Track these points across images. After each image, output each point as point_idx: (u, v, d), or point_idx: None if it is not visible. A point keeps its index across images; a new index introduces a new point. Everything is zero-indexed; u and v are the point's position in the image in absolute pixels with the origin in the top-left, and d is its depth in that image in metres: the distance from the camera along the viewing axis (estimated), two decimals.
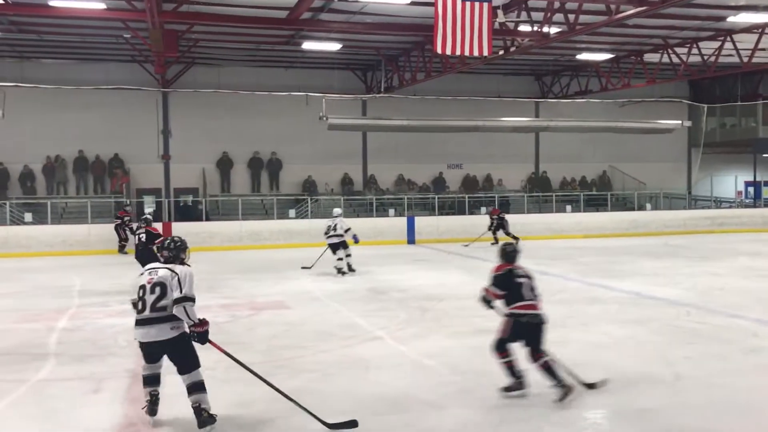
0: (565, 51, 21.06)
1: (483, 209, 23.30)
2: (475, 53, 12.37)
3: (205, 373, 6.58)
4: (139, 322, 5.19)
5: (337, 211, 14.58)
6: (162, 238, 6.10)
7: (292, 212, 21.72)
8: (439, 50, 12.21)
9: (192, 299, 5.14)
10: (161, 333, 5.14)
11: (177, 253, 5.40)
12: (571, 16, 14.21)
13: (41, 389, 6.25)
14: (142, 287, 5.20)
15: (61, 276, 14.15)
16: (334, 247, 13.60)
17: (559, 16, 14.41)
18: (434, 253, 18.24)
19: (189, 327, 5.18)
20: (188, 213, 21.81)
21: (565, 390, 5.70)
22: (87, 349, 7.69)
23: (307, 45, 19.20)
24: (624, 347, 7.67)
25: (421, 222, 21.58)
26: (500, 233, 19.10)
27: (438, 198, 23.37)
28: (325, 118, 19.85)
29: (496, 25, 13.45)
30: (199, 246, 17.13)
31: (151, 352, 5.28)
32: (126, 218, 18.34)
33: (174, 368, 5.34)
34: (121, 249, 18.26)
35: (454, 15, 11.84)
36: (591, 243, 20.42)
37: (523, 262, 6.45)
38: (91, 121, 21.87)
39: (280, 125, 23.38)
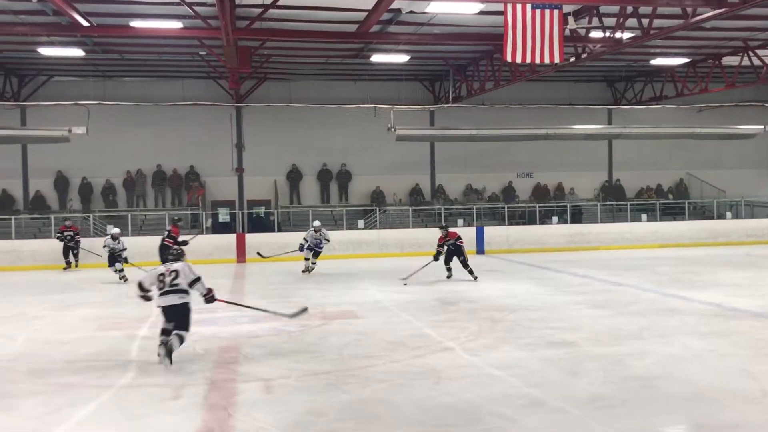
0: (639, 56, 20.54)
1: (555, 219, 22.92)
2: (546, 61, 12.23)
3: (279, 381, 6.74)
4: (162, 294, 7.60)
5: (317, 223, 16.18)
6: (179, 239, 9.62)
7: (360, 223, 21.91)
8: (508, 59, 12.12)
9: (200, 279, 7.71)
10: (174, 300, 7.57)
11: (180, 256, 7.99)
12: (645, 21, 13.85)
13: (124, 395, 6.49)
14: (162, 274, 7.63)
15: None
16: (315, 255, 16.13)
17: (632, 21, 14.08)
18: (504, 264, 18.03)
19: (202, 295, 7.79)
20: (261, 224, 22.28)
21: None
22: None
23: (376, 57, 19.39)
24: (706, 361, 7.38)
25: (491, 232, 21.39)
26: (455, 262, 14.53)
27: (507, 207, 23.12)
28: (393, 129, 19.97)
29: (567, 32, 13.26)
30: (273, 257, 17.49)
31: (168, 313, 7.62)
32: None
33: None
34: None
35: (524, 23, 11.74)
36: (668, 253, 19.78)
37: (598, 272, 6.30)
38: (168, 136, 22.68)
39: (349, 137, 23.65)
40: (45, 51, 17.67)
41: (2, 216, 20.50)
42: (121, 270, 15.32)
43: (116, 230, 15.74)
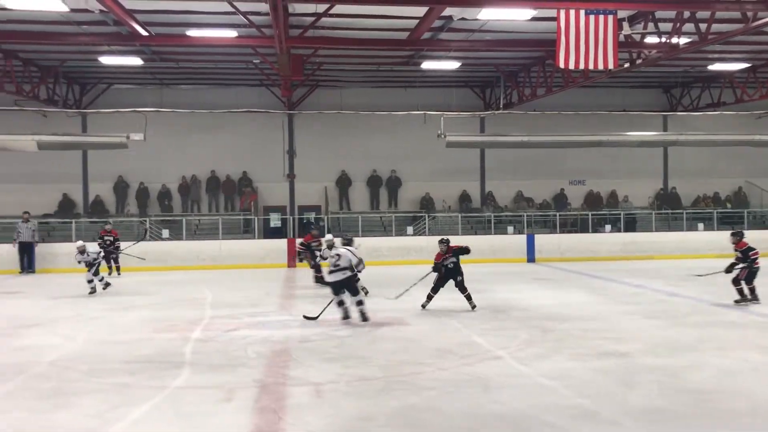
0: (696, 62, 20.05)
1: (608, 227, 22.52)
2: (600, 67, 12.06)
3: (329, 386, 6.80)
4: (332, 273, 10.30)
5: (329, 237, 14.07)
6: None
7: (410, 229, 21.92)
8: (561, 65, 11.99)
9: (362, 260, 10.49)
10: (340, 276, 10.23)
11: (350, 243, 10.82)
12: (703, 26, 13.52)
13: (178, 396, 6.64)
14: (332, 257, 10.58)
15: (194, 289, 14.99)
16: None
17: (689, 26, 13.77)
18: (555, 272, 17.80)
19: (359, 272, 10.49)
20: (311, 230, 22.47)
21: None
22: (219, 359, 8.10)
23: (427, 65, 19.42)
24: (764, 375, 7.16)
25: (542, 240, 21.14)
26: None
27: (559, 215, 22.81)
28: (443, 136, 19.95)
29: (621, 38, 13.05)
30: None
31: (336, 287, 10.32)
32: None
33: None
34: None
35: (577, 29, 11.61)
36: (726, 263, 19.18)
37: (652, 282, 6.18)
38: (222, 143, 23.13)
39: (399, 143, 23.72)
40: (105, 60, 18.25)
41: (63, 219, 21.21)
42: (101, 279, 14.40)
43: (79, 243, 14.43)
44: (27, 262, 18.79)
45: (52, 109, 20.69)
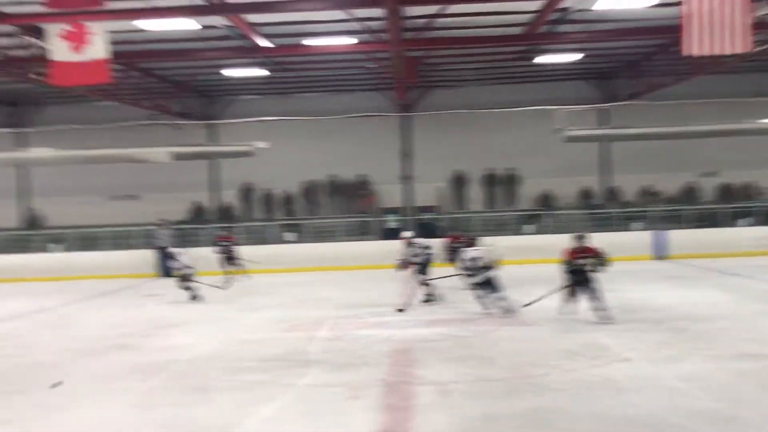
0: None
1: (744, 221, 21.11)
2: (732, 51, 11.34)
3: (453, 386, 6.82)
4: (475, 273, 10.84)
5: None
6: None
7: (528, 227, 21.51)
8: (689, 51, 11.38)
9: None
10: (482, 277, 10.72)
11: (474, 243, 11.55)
12: None
13: (307, 393, 6.89)
14: (470, 259, 10.97)
15: (318, 289, 15.45)
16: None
17: None
18: (687, 270, 16.91)
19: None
20: (428, 230, 22.59)
21: None
22: (345, 358, 8.31)
23: (543, 58, 19.00)
24: None
25: (671, 236, 20.12)
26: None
27: (689, 209, 21.63)
28: (562, 131, 19.43)
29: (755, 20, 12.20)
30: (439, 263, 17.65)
31: (482, 284, 10.81)
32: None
33: None
34: None
35: (706, 12, 10.98)
36: None
37: None
38: (341, 147, 23.67)
39: (516, 140, 23.33)
40: (231, 73, 19.17)
41: (194, 225, 22.49)
42: (188, 288, 14.35)
43: (174, 249, 14.94)
44: (164, 266, 20.04)
45: (184, 121, 22.00)
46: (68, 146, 21.78)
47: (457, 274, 12.19)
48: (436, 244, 14.88)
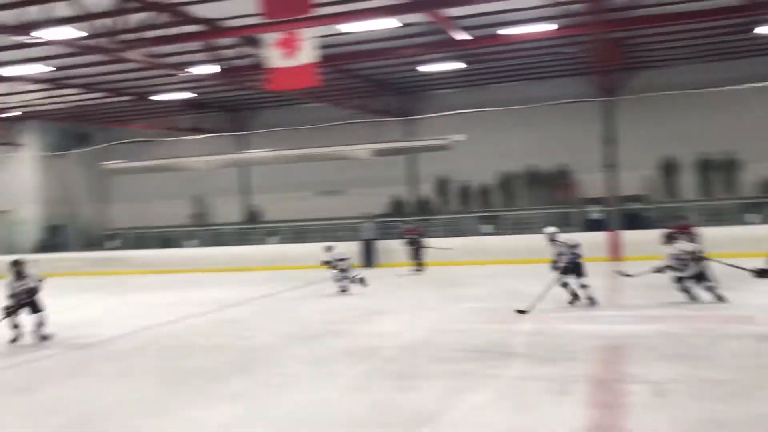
0: None
1: None
2: None
3: (671, 385, 6.39)
4: (686, 266, 10.53)
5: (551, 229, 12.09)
6: None
7: (751, 216, 19.53)
8: None
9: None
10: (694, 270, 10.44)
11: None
12: None
13: (513, 385, 6.83)
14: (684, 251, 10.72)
15: (517, 282, 15.24)
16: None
17: None
18: None
19: None
20: (634, 221, 21.39)
21: None
22: (551, 352, 8.13)
23: (766, 29, 17.13)
24: None
25: None
26: None
27: None
28: None
29: None
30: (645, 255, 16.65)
31: (694, 277, 10.70)
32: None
33: None
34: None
35: None
36: None
37: None
38: (538, 136, 23.18)
39: (734, 121, 21.29)
40: (425, 68, 19.52)
41: (394, 218, 23.25)
42: (354, 276, 14.60)
43: (327, 244, 15.10)
44: (368, 257, 20.96)
45: (383, 119, 22.82)
46: (281, 146, 23.59)
47: (663, 267, 11.26)
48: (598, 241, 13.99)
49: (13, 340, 10.22)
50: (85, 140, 27.31)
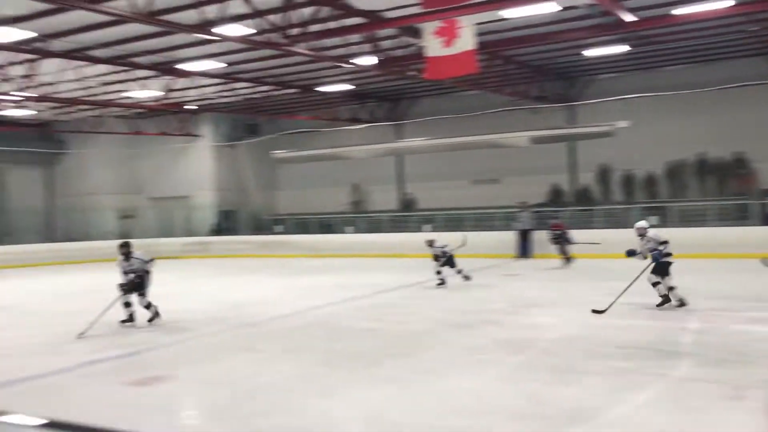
0: None
1: None
2: None
3: None
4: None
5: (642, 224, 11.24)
6: None
7: None
8: None
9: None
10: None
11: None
12: None
13: (679, 387, 6.45)
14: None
15: (684, 277, 14.26)
16: None
17: None
18: None
19: None
20: None
21: None
22: (721, 353, 7.59)
23: None
24: None
25: None
26: None
27: None
28: None
29: None
30: None
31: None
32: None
33: None
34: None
35: None
36: None
37: None
38: (711, 122, 21.55)
39: None
40: (590, 53, 18.75)
41: (553, 208, 22.64)
42: (459, 271, 14.35)
43: (430, 236, 14.97)
44: (524, 248, 20.61)
45: (542, 105, 22.25)
46: (438, 135, 23.73)
47: None
48: None
49: (126, 320, 10.60)
50: (254, 131, 29.07)
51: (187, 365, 8.12)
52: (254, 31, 13.62)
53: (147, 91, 20.30)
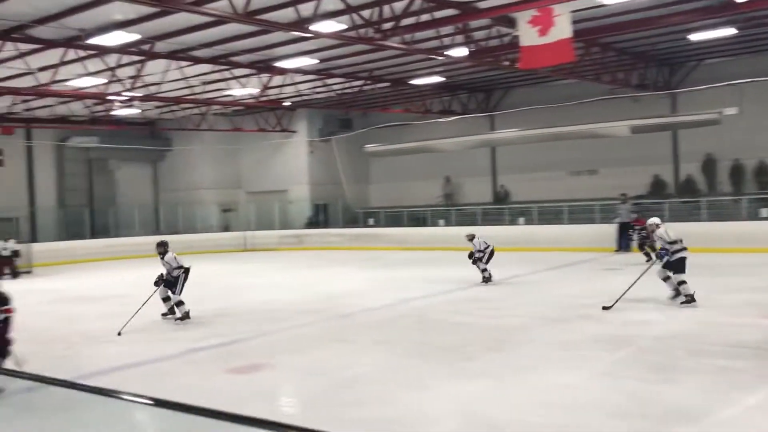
0: None
1: None
2: None
3: None
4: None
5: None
6: None
7: None
8: None
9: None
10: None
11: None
12: None
13: None
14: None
15: None
16: None
17: None
18: None
19: None
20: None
21: None
22: None
23: None
24: None
25: None
26: None
27: None
28: None
29: None
30: None
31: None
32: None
33: None
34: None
35: None
36: None
37: None
38: None
39: None
40: (695, 37, 17.85)
41: (655, 200, 21.74)
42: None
43: (469, 232, 14.54)
44: (624, 241, 19.90)
45: (643, 93, 21.38)
46: (532, 125, 23.26)
47: None
48: None
49: (166, 314, 10.96)
50: (347, 125, 29.44)
51: (284, 354, 8.34)
52: (346, 26, 13.77)
53: (246, 89, 20.93)
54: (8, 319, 7.15)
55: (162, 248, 11.09)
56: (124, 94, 19.05)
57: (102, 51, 16.17)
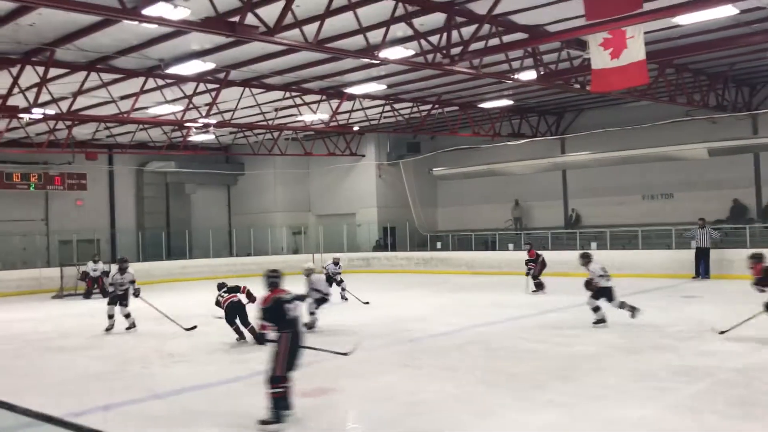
0: None
1: None
2: None
3: None
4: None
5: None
6: None
7: None
8: None
9: None
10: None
11: None
12: None
13: None
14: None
15: None
16: None
17: None
18: None
19: None
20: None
21: None
22: None
23: None
24: None
25: None
26: None
27: None
28: None
29: None
30: None
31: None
32: None
33: None
34: None
35: None
36: None
37: None
38: None
39: None
40: None
41: (736, 225, 20.87)
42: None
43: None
44: (702, 268, 19.14)
45: (722, 114, 20.67)
46: (603, 148, 22.79)
47: None
48: None
49: (108, 329, 12.14)
50: (415, 149, 29.54)
51: (350, 378, 8.34)
52: (414, 52, 13.87)
53: (316, 115, 21.32)
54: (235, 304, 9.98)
55: (124, 263, 12.54)
56: (200, 120, 19.72)
57: (179, 80, 16.82)
